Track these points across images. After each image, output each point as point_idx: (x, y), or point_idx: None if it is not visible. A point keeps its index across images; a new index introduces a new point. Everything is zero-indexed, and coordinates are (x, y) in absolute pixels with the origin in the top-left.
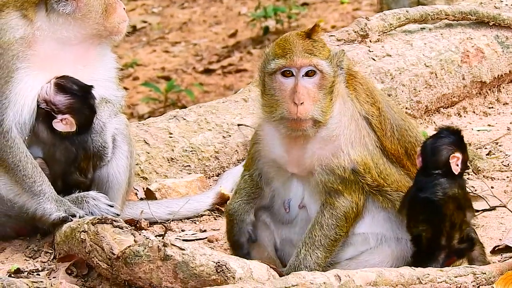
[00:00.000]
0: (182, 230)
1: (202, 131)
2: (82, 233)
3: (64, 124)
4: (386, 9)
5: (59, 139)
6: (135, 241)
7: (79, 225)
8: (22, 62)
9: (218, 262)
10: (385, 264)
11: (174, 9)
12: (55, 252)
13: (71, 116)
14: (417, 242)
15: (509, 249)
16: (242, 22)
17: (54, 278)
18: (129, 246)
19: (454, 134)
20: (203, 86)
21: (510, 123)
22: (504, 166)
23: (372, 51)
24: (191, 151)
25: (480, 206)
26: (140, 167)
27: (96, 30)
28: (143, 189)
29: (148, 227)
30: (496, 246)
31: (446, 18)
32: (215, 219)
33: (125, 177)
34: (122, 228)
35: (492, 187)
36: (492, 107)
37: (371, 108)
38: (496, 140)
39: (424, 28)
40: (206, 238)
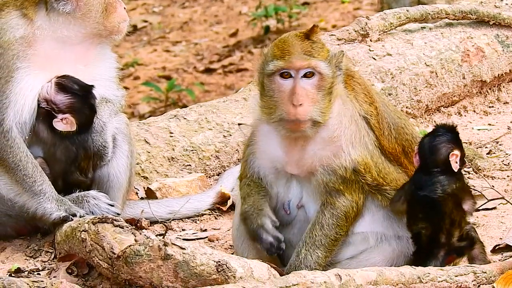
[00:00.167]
0: (183, 230)
1: (203, 131)
2: (83, 232)
3: (64, 123)
4: (386, 8)
5: (60, 139)
6: (136, 240)
7: (80, 224)
8: (22, 61)
9: (219, 262)
10: (385, 262)
11: (175, 8)
12: (56, 251)
13: (72, 115)
14: (417, 240)
15: (509, 248)
16: (243, 21)
17: (54, 277)
18: (129, 246)
19: (450, 131)
20: (204, 86)
21: (511, 122)
22: (504, 165)
23: (372, 50)
24: (192, 151)
25: (481, 204)
26: (140, 167)
27: (96, 30)
28: (144, 188)
29: (148, 227)
30: (496, 245)
31: (446, 17)
32: (216, 219)
33: (125, 176)
34: (122, 227)
35: (492, 186)
36: (492, 106)
37: (370, 108)
38: (496, 139)
39: (424, 27)
40: (206, 237)
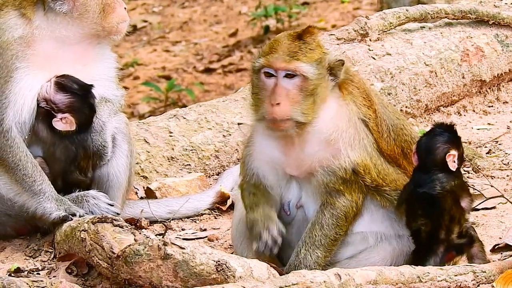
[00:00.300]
0: (182, 229)
1: (202, 130)
2: (82, 232)
3: (64, 123)
4: (386, 8)
5: (59, 138)
6: (135, 240)
7: (79, 224)
8: (21, 61)
9: (218, 261)
10: (385, 262)
11: (175, 8)
12: (55, 251)
13: (71, 115)
14: (416, 237)
15: (509, 247)
16: (242, 21)
17: (54, 277)
18: (129, 245)
19: (447, 130)
20: (204, 86)
21: (510, 122)
22: (504, 164)
23: (372, 50)
24: (191, 150)
25: (480, 203)
26: (140, 166)
27: (94, 30)
28: (143, 188)
29: (148, 226)
30: (496, 245)
31: (446, 17)
32: (215, 218)
33: (125, 176)
34: (122, 227)
35: (491, 185)
36: (492, 106)
37: (368, 111)
38: (496, 138)
39: (424, 27)
40: (206, 237)
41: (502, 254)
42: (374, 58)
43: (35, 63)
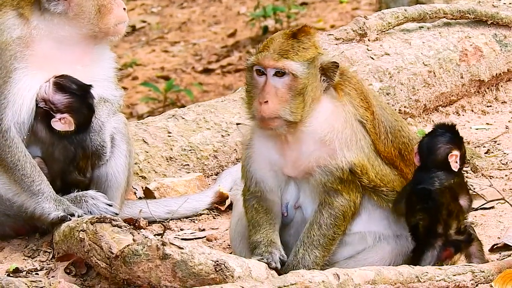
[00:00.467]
0: (181, 229)
1: (201, 130)
2: (81, 232)
3: (62, 123)
4: (385, 8)
5: (58, 138)
6: (134, 240)
7: (78, 224)
8: (20, 62)
9: (217, 261)
10: (383, 262)
11: (173, 9)
12: (54, 251)
13: (70, 115)
14: (414, 232)
15: (507, 247)
16: (241, 21)
17: (53, 277)
18: (128, 245)
19: (449, 131)
20: (202, 86)
21: (509, 122)
22: (502, 164)
23: (370, 50)
24: (190, 150)
25: (479, 204)
26: (139, 166)
27: (90, 31)
28: (142, 188)
29: (146, 226)
30: (494, 245)
31: (444, 17)
32: (214, 218)
33: (124, 176)
34: (121, 227)
35: (490, 186)
36: (490, 106)
37: (366, 112)
38: (494, 138)
39: (422, 27)
40: (205, 237)
41: (500, 254)
42: (372, 58)
43: (34, 64)
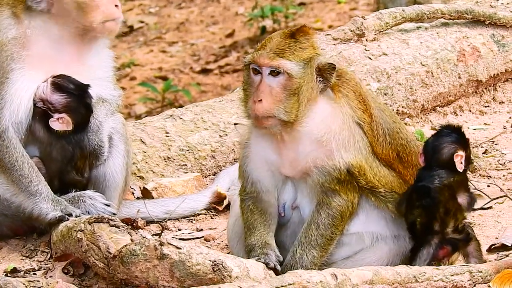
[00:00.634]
0: (179, 229)
1: (199, 130)
2: (79, 232)
3: (60, 123)
4: (382, 8)
5: (56, 138)
6: (132, 240)
7: (76, 224)
8: (16, 62)
9: (215, 261)
10: (381, 262)
11: (171, 9)
12: (52, 251)
13: (68, 115)
14: (412, 229)
15: (505, 247)
16: (239, 22)
17: (50, 277)
18: (125, 245)
19: (455, 132)
20: (200, 86)
21: (506, 122)
22: (500, 164)
23: (368, 50)
24: (188, 150)
25: (481, 203)
26: (136, 166)
27: (76, 29)
28: (140, 188)
29: (144, 226)
30: (492, 245)
31: (442, 17)
32: (212, 218)
33: (122, 176)
34: (118, 227)
35: (488, 186)
36: (488, 106)
37: (363, 114)
38: (492, 138)
39: (420, 27)
40: (202, 237)
41: (498, 254)
42: (370, 58)
43: (31, 64)
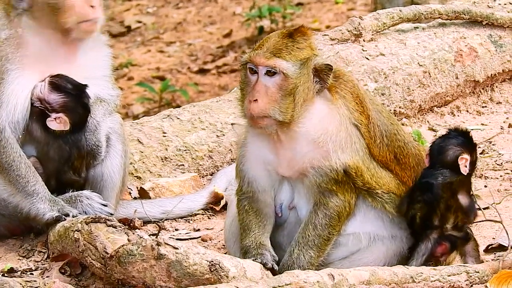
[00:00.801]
0: (176, 229)
1: (196, 130)
2: (76, 232)
3: (58, 122)
4: (380, 8)
5: (53, 138)
6: (129, 240)
7: (73, 224)
8: (12, 63)
9: (212, 261)
10: (378, 262)
11: (169, 9)
12: (49, 251)
13: (65, 114)
14: (412, 223)
15: (502, 247)
16: (236, 22)
17: (47, 277)
18: (122, 245)
19: (462, 135)
20: (198, 86)
21: (503, 122)
22: (497, 165)
23: (365, 50)
24: (185, 150)
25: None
26: (134, 166)
27: (54, 29)
28: (137, 188)
29: (141, 226)
30: (489, 245)
31: (439, 17)
32: (209, 218)
33: (119, 176)
34: (115, 227)
35: (485, 186)
36: (485, 106)
37: (360, 116)
38: (489, 139)
39: (417, 27)
40: (199, 237)
41: (495, 254)
42: (367, 58)
43: (26, 64)
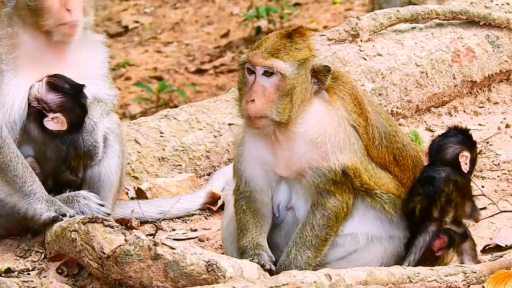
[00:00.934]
0: (173, 230)
1: (193, 131)
2: (73, 232)
3: (55, 122)
4: (377, 9)
5: (50, 138)
6: (126, 240)
7: (70, 224)
8: (6, 64)
9: (209, 261)
10: (376, 262)
11: (166, 9)
12: (46, 251)
13: (63, 114)
14: (411, 216)
15: (499, 248)
16: (234, 22)
17: (44, 277)
18: (119, 246)
19: (461, 133)
20: (195, 86)
21: (501, 123)
22: (494, 165)
23: (363, 51)
24: (182, 151)
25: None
26: (131, 167)
27: (36, 31)
28: (134, 188)
29: (138, 227)
30: (486, 245)
31: (436, 18)
32: (206, 219)
33: (116, 176)
34: (112, 227)
35: (483, 186)
36: (482, 107)
37: (359, 118)
38: (486, 139)
39: (415, 27)
40: (196, 237)
41: (492, 254)
42: (365, 58)
43: (21, 63)
